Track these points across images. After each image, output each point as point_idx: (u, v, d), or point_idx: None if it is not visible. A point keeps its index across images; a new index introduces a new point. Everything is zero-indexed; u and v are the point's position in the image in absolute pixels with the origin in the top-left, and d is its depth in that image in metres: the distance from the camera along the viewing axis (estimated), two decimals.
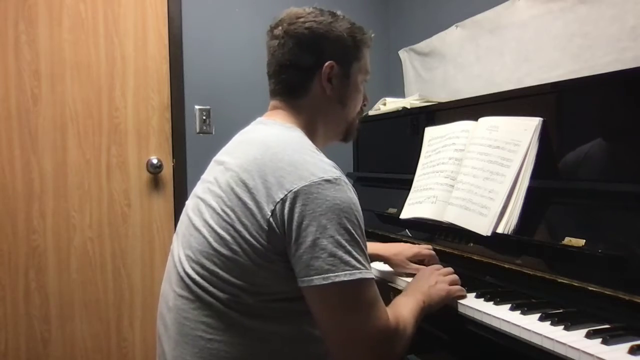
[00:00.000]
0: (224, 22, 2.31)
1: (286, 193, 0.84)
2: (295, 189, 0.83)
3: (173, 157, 2.23)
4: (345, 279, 0.81)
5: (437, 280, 1.08)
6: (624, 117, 1.07)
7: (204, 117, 2.27)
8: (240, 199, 0.87)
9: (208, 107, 2.28)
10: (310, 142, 0.96)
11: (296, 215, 0.83)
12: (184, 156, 2.24)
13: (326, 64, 1.00)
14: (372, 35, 1.10)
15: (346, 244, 0.83)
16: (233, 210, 0.88)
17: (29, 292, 2.01)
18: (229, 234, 0.87)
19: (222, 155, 1.03)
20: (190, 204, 1.02)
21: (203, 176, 1.04)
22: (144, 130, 2.18)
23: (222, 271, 0.88)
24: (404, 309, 0.94)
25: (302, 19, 1.01)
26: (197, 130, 2.27)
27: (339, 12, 1.06)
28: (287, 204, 0.83)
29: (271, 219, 0.84)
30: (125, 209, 2.15)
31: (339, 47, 1.02)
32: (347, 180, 0.89)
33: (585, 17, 1.52)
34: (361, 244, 0.86)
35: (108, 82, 2.11)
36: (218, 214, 0.89)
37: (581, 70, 1.52)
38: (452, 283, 1.09)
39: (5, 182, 1.98)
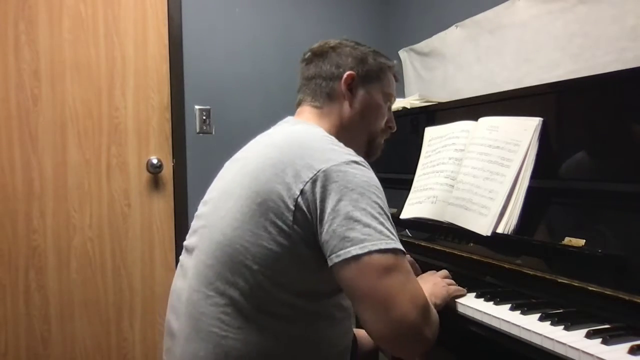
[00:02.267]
0: (224, 22, 2.31)
1: (316, 172, 0.86)
2: (325, 168, 0.86)
3: (173, 157, 2.23)
4: (382, 247, 0.82)
5: (435, 281, 1.10)
6: (624, 117, 1.07)
7: (204, 117, 2.27)
8: (266, 183, 0.89)
9: (208, 107, 2.28)
10: (332, 137, 1.00)
11: (328, 192, 0.85)
12: (184, 156, 2.24)
13: (347, 72, 1.08)
14: (395, 62, 1.19)
15: (378, 216, 0.85)
16: (259, 194, 0.89)
17: (29, 292, 2.01)
18: (254, 219, 0.89)
19: (243, 152, 1.07)
20: (210, 198, 1.03)
21: (221, 173, 1.08)
22: (144, 130, 2.18)
23: (245, 259, 0.89)
24: None
25: (327, 44, 1.13)
26: (197, 130, 2.27)
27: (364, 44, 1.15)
28: (317, 183, 0.86)
29: (299, 199, 0.86)
30: (125, 209, 2.15)
31: (360, 63, 1.10)
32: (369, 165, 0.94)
33: (585, 17, 1.52)
34: (389, 218, 0.88)
35: (108, 82, 2.11)
36: (243, 200, 0.91)
37: (581, 70, 1.52)
38: (449, 284, 1.11)
39: (5, 182, 1.98)
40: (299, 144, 0.94)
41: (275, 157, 0.92)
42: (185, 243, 1.05)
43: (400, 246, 0.85)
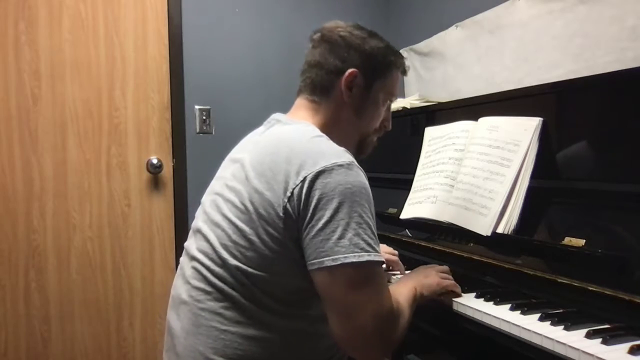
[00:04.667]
0: (224, 22, 2.31)
1: (302, 179, 0.87)
2: (311, 174, 0.87)
3: (173, 157, 2.23)
4: (354, 260, 0.84)
5: (427, 273, 1.11)
6: (624, 117, 1.07)
7: (204, 117, 2.27)
8: (257, 190, 0.91)
9: (208, 107, 2.28)
10: (321, 133, 0.99)
11: (311, 199, 0.86)
12: (184, 156, 2.24)
13: (349, 70, 1.03)
14: (407, 62, 1.13)
15: (357, 227, 0.85)
16: (251, 202, 0.91)
17: (29, 292, 2.01)
18: (248, 225, 0.91)
19: (237, 152, 1.06)
20: (207, 200, 1.04)
21: (218, 173, 1.07)
22: (144, 130, 2.18)
23: (240, 263, 0.91)
24: (399, 296, 0.97)
25: (339, 29, 1.07)
26: (197, 130, 2.27)
27: (379, 34, 1.10)
28: (304, 189, 0.86)
29: (288, 205, 0.87)
30: (125, 209, 2.15)
31: (367, 60, 1.05)
32: (358, 165, 0.92)
33: (585, 17, 1.52)
34: (371, 226, 0.89)
35: (108, 82, 2.11)
36: (237, 207, 0.93)
37: (581, 70, 1.52)
38: (443, 277, 1.11)
39: (5, 182, 1.98)
40: (289, 147, 0.93)
41: (265, 162, 0.93)
42: (185, 244, 1.07)
43: (375, 257, 0.86)
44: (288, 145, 0.94)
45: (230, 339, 0.90)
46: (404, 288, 1.02)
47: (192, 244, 1.02)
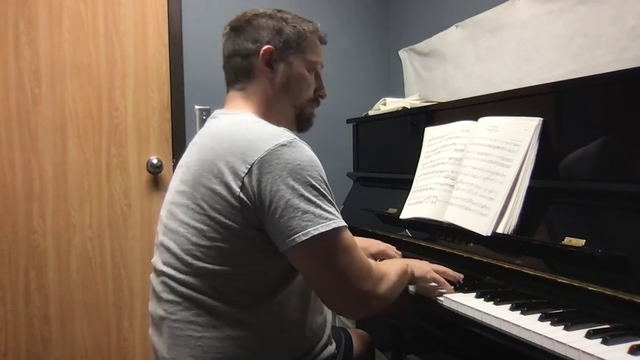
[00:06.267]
0: (224, 22, 2.30)
1: (249, 166, 0.88)
2: (257, 160, 0.87)
3: (173, 157, 2.23)
4: (323, 230, 0.86)
5: (423, 262, 1.17)
6: (624, 117, 1.07)
7: (204, 117, 2.27)
8: (207, 187, 0.91)
9: (208, 107, 2.28)
10: (258, 119, 1.00)
11: (264, 184, 0.87)
12: None
13: (263, 48, 1.04)
14: (318, 25, 1.12)
15: (315, 199, 0.88)
16: (204, 200, 0.91)
17: (29, 292, 2.01)
18: (205, 224, 0.90)
19: (183, 158, 1.06)
20: (163, 213, 1.04)
21: (170, 184, 1.06)
22: (144, 130, 2.18)
23: (204, 263, 0.91)
24: (388, 265, 1.03)
25: (245, 16, 1.09)
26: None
27: (286, 10, 1.11)
28: (253, 176, 0.87)
29: (241, 194, 0.88)
30: (125, 209, 2.15)
31: (278, 35, 1.06)
32: (302, 140, 0.93)
33: (585, 17, 1.52)
34: (328, 196, 0.91)
35: (108, 82, 2.11)
36: (192, 209, 0.93)
37: (581, 70, 1.52)
38: (436, 270, 1.15)
39: (5, 182, 1.98)
40: (229, 138, 0.93)
41: (209, 159, 0.93)
42: (152, 261, 1.06)
43: (338, 222, 0.89)
44: (228, 136, 0.94)
45: (208, 344, 0.91)
46: (396, 261, 1.12)
47: (157, 259, 1.02)
